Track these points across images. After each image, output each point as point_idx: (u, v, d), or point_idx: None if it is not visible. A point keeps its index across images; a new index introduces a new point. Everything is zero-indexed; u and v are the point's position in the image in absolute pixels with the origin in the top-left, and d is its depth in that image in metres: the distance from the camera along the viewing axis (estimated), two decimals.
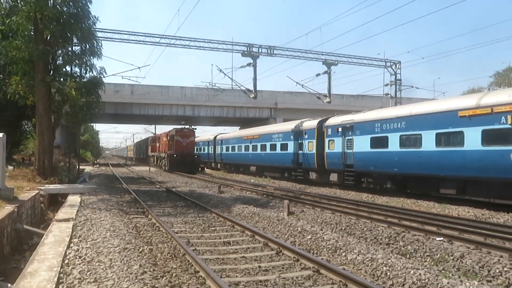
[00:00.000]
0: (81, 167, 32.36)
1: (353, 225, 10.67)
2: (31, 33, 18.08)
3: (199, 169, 38.64)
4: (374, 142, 18.50)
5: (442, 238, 9.09)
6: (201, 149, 47.35)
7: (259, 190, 20.18)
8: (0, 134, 12.52)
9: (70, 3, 18.40)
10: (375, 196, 17.40)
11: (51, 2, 17.80)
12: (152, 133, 64.85)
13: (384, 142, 17.81)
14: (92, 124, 68.43)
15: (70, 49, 19.76)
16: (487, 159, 13.29)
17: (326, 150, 22.16)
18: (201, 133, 41.18)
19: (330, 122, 22.45)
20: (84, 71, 19.88)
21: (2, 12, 18.11)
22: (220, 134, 45.25)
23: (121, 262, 6.56)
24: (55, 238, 8.12)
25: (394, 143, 17.24)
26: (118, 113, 47.85)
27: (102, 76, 20.29)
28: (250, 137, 33.62)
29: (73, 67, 20.08)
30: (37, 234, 10.45)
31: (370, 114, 19.63)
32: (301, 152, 25.03)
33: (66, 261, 6.58)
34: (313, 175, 24.14)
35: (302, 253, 7.41)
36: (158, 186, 23.14)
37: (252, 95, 28.50)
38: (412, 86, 37.59)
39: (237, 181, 27.18)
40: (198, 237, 9.43)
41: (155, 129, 68.78)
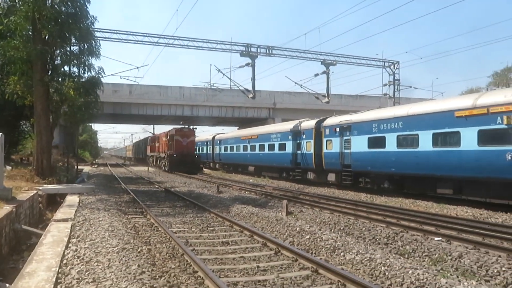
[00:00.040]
0: (79, 167, 32.33)
1: (351, 225, 10.68)
2: (29, 33, 18.05)
3: (200, 169, 38.19)
4: (372, 142, 18.54)
5: (440, 238, 9.11)
6: (199, 149, 47.31)
7: (258, 190, 20.18)
8: None
9: (68, 3, 18.36)
10: (374, 196, 17.43)
11: (49, 2, 17.77)
12: (150, 133, 64.91)
13: (381, 142, 17.86)
14: (90, 124, 68.48)
15: (68, 49, 19.75)
16: (483, 159, 13.36)
17: (324, 150, 22.19)
18: (199, 133, 40.95)
19: (328, 122, 22.48)
20: (82, 71, 19.85)
21: (0, 12, 18.06)
22: (218, 134, 45.25)
23: (119, 262, 6.55)
24: (54, 238, 8.10)
25: (391, 143, 17.29)
26: (117, 113, 47.82)
27: (101, 76, 20.27)
28: (248, 137, 33.63)
29: (71, 67, 20.06)
30: (35, 234, 10.43)
31: (368, 114, 19.67)
32: (299, 152, 25.05)
33: (65, 261, 6.57)
34: (311, 175, 24.17)
35: (300, 253, 7.41)
36: (156, 186, 23.12)
37: (250, 95, 28.52)
38: (410, 86, 37.75)
39: (235, 181, 27.18)
40: (197, 237, 9.43)
41: (154, 129, 68.73)
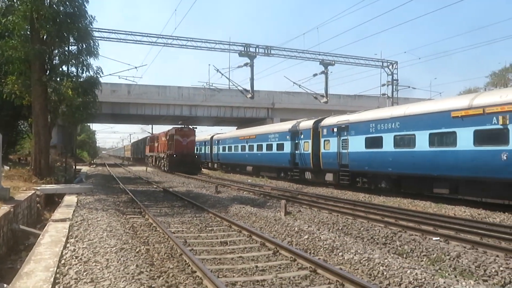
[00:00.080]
0: (77, 167, 32.27)
1: (350, 225, 10.68)
2: (27, 32, 18.01)
3: (200, 169, 37.80)
4: (369, 142, 18.62)
5: (438, 238, 9.13)
6: (198, 149, 47.30)
7: (256, 190, 20.18)
8: None
9: (67, 3, 18.33)
10: (372, 196, 17.45)
11: (48, 1, 17.74)
12: (149, 133, 64.79)
13: (378, 142, 17.94)
14: (88, 124, 68.37)
15: (66, 48, 19.73)
16: (479, 159, 13.45)
17: (322, 150, 22.25)
18: (198, 133, 40.54)
19: (326, 122, 22.56)
20: (80, 71, 19.83)
21: None
22: (216, 134, 45.25)
23: (117, 262, 6.55)
24: (52, 238, 8.08)
25: (388, 143, 17.37)
26: (115, 113, 47.74)
27: (99, 76, 20.27)
28: (246, 137, 33.66)
29: (69, 67, 20.06)
30: (33, 234, 10.41)
31: (365, 114, 19.74)
32: (297, 152, 25.13)
33: (63, 261, 6.56)
34: (309, 175, 24.23)
35: (299, 253, 7.41)
36: (155, 186, 23.11)
37: (249, 95, 28.51)
38: (408, 87, 37.77)
39: (234, 181, 27.17)
40: (195, 237, 9.42)
41: (152, 129, 68.62)
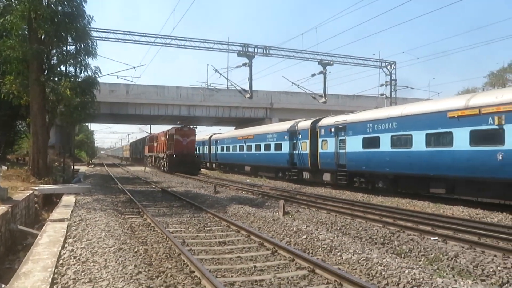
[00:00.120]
0: (76, 167, 32.23)
1: (348, 225, 10.70)
2: (25, 32, 17.99)
3: (200, 170, 37.31)
4: (366, 142, 18.70)
5: (436, 238, 9.14)
6: (196, 149, 47.23)
7: (255, 190, 20.19)
8: None
9: (65, 2, 18.32)
10: (370, 196, 17.48)
11: (46, 1, 17.72)
12: (147, 133, 64.63)
13: (376, 142, 18.02)
14: (87, 124, 68.24)
15: (64, 48, 19.71)
16: (475, 159, 13.53)
17: (320, 150, 22.32)
18: (196, 133, 40.18)
19: (323, 122, 22.63)
20: (79, 71, 19.84)
21: None
22: (215, 134, 45.23)
23: (116, 262, 6.54)
24: (50, 238, 8.07)
25: (385, 143, 17.45)
26: (113, 113, 47.70)
27: (97, 76, 20.26)
28: (244, 137, 33.67)
29: (67, 67, 20.02)
30: (31, 235, 10.40)
31: (362, 114, 19.83)
32: (295, 152, 25.19)
33: (61, 261, 6.55)
34: (306, 175, 24.30)
35: (297, 253, 7.42)
36: (153, 186, 23.09)
37: (247, 95, 28.54)
38: (407, 87, 37.82)
39: (232, 181, 27.17)
40: (194, 237, 9.42)
41: (151, 129, 68.45)
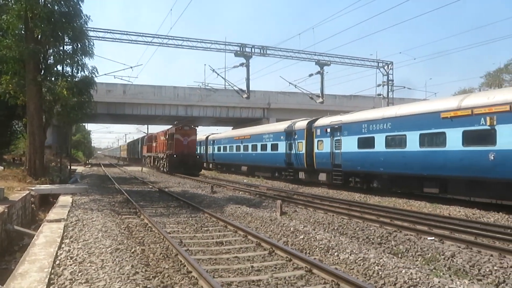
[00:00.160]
0: (72, 167, 32.13)
1: (345, 225, 10.72)
2: (22, 32, 17.93)
3: (201, 170, 36.28)
4: (361, 143, 18.86)
5: (433, 238, 9.16)
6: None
7: (252, 190, 20.19)
8: None
9: (62, 2, 18.26)
10: (367, 196, 17.53)
11: (42, 0, 17.66)
12: (144, 133, 64.44)
13: (370, 143, 18.19)
14: (84, 124, 68.11)
15: (61, 48, 19.63)
16: (468, 159, 13.71)
17: (315, 150, 22.45)
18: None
19: (319, 122, 22.77)
20: (75, 71, 19.74)
21: None
22: (212, 134, 45.19)
23: (113, 262, 6.52)
24: (46, 238, 8.05)
25: (380, 144, 17.61)
26: (110, 113, 47.58)
27: (94, 75, 20.18)
28: (241, 137, 33.70)
29: (64, 67, 19.94)
30: (27, 235, 10.36)
31: (358, 115, 20.01)
32: (291, 152, 25.31)
33: (57, 262, 6.53)
34: (302, 175, 24.43)
35: (294, 253, 7.42)
36: (150, 187, 23.05)
37: (245, 95, 28.53)
38: (404, 87, 37.96)
39: (229, 181, 27.16)
40: (191, 237, 9.41)
41: (148, 129, 68.32)
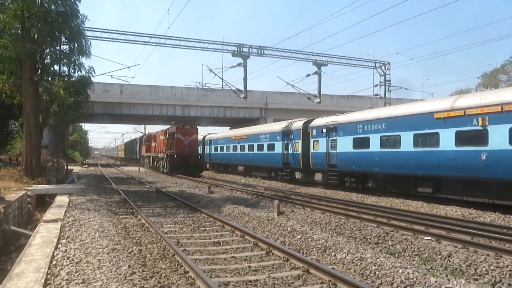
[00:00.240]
0: (69, 168, 32.04)
1: (342, 225, 10.73)
2: (18, 31, 17.87)
3: (203, 171, 35.18)
4: (356, 143, 18.98)
5: (430, 238, 9.19)
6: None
7: (249, 190, 20.19)
8: None
9: (58, 2, 18.22)
10: (364, 196, 17.56)
11: (39, 0, 17.60)
12: (141, 133, 64.26)
13: (365, 143, 18.32)
14: (80, 124, 67.92)
15: (58, 48, 19.59)
16: (460, 159, 13.86)
17: (311, 150, 22.57)
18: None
19: (315, 123, 22.89)
20: (72, 70, 19.73)
21: None
22: (209, 134, 45.17)
23: (110, 263, 6.50)
24: (43, 239, 8.02)
25: (375, 144, 17.73)
26: (107, 113, 47.48)
27: (91, 75, 20.15)
28: (238, 137, 33.73)
29: (61, 66, 19.91)
30: (24, 235, 10.32)
31: (353, 115, 20.15)
32: (287, 152, 25.43)
33: (54, 262, 6.50)
34: (299, 175, 24.57)
35: (292, 253, 7.43)
36: (147, 187, 23.01)
37: (242, 95, 28.55)
38: (401, 87, 38.05)
39: (227, 181, 27.15)
40: (188, 237, 9.40)
41: (145, 129, 68.20)
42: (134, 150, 62.60)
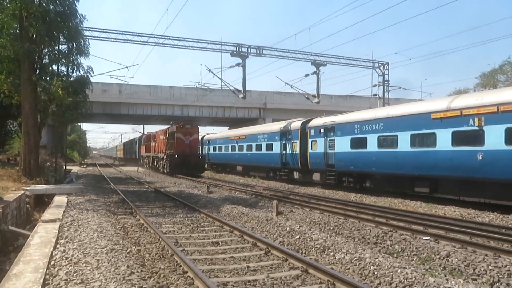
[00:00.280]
0: (68, 167, 31.97)
1: (341, 224, 10.74)
2: (17, 31, 17.83)
3: (204, 171, 34.83)
4: (354, 143, 19.03)
5: (428, 237, 9.20)
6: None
7: (248, 190, 20.19)
8: None
9: (57, 1, 18.17)
10: (363, 196, 17.58)
11: (37, 0, 17.56)
12: (140, 133, 64.09)
13: (363, 143, 18.38)
14: (79, 123, 67.73)
15: (56, 47, 19.52)
16: (457, 159, 13.93)
17: (309, 150, 22.63)
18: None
19: (313, 123, 22.94)
20: (71, 70, 19.65)
21: None
22: (207, 134, 45.15)
23: (108, 263, 6.50)
24: (41, 239, 8.01)
25: (372, 144, 17.78)
26: (106, 112, 47.44)
27: (90, 75, 20.09)
28: (236, 137, 33.75)
29: (59, 66, 19.87)
30: (22, 235, 10.31)
31: (351, 115, 20.21)
32: (285, 152, 25.49)
33: (52, 262, 6.50)
34: (297, 175, 24.62)
35: (290, 253, 7.43)
36: (146, 187, 22.99)
37: (241, 95, 28.53)
38: (399, 87, 38.07)
39: (225, 181, 27.15)
40: (187, 237, 9.39)
41: (144, 129, 68.06)
42: (133, 150, 62.22)
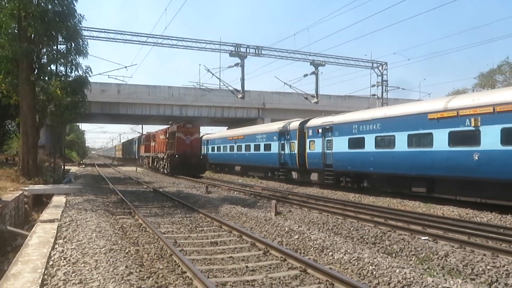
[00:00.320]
0: (66, 168, 31.92)
1: (340, 224, 10.75)
2: (15, 31, 17.81)
3: (205, 171, 34.16)
4: (352, 143, 19.10)
5: (427, 237, 9.21)
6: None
7: (247, 190, 20.19)
8: None
9: (55, 1, 18.17)
10: (362, 196, 17.60)
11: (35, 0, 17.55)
12: (139, 133, 64.00)
13: (361, 143, 18.45)
14: (77, 123, 67.74)
15: (55, 47, 19.51)
16: (454, 159, 14.00)
17: (307, 150, 22.68)
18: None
19: (311, 123, 22.99)
20: (69, 70, 19.66)
21: None
22: (206, 134, 45.14)
23: (107, 263, 6.49)
24: (40, 239, 8.00)
25: (370, 144, 17.85)
26: (105, 112, 47.34)
27: (88, 75, 20.09)
28: (235, 137, 33.78)
29: (58, 66, 19.84)
30: (21, 235, 10.29)
31: (348, 116, 20.27)
32: (283, 152, 25.54)
33: (51, 262, 6.49)
34: (295, 175, 24.67)
35: (289, 253, 7.43)
36: (145, 187, 22.97)
37: (240, 95, 28.53)
38: (398, 87, 38.16)
39: (224, 181, 27.15)
40: (185, 237, 9.39)
41: (142, 129, 67.97)
42: (132, 150, 61.76)
